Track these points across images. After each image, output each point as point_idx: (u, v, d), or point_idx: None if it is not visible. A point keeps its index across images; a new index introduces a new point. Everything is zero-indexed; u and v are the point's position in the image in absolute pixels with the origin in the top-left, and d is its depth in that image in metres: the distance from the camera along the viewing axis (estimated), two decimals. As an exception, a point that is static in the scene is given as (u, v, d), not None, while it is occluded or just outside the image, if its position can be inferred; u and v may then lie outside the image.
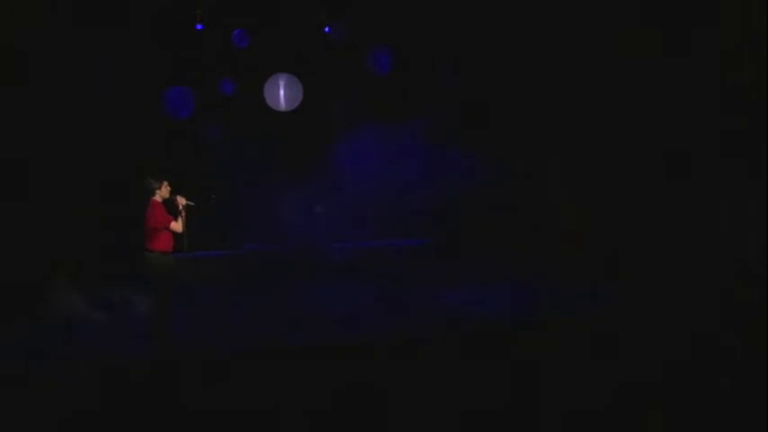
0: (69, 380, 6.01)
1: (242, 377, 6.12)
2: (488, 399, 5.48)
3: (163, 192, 6.65)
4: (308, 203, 11.34)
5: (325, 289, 9.68)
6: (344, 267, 10.72)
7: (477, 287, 9.59)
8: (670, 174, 9.72)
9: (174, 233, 6.62)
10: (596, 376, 5.89)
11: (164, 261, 6.56)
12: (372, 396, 5.59)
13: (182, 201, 6.70)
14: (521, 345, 6.90)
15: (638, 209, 9.99)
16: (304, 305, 8.82)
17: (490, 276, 10.22)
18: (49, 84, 9.12)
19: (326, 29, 10.60)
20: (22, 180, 9.00)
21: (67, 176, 9.32)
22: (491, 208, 11.49)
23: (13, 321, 7.81)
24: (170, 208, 6.69)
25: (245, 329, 7.70)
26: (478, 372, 6.07)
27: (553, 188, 11.27)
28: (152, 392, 5.78)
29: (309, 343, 7.17)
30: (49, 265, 8.95)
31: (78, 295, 8.66)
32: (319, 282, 10.01)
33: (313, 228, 11.22)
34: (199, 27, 10.04)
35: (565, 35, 10.49)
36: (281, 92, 9.53)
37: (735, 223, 9.04)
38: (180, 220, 6.64)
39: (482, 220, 11.48)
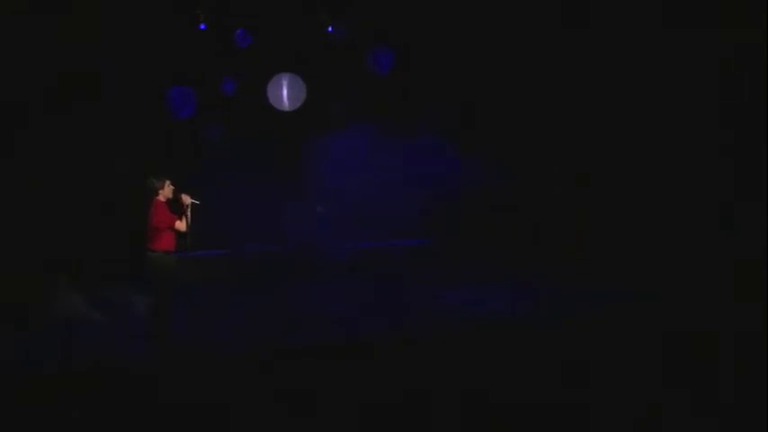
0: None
1: (241, 377, 6.12)
2: (488, 399, 5.48)
3: (166, 191, 6.65)
4: (309, 203, 11.33)
5: (325, 289, 9.68)
6: (344, 267, 10.71)
7: (477, 287, 9.59)
8: (669, 174, 9.74)
9: (177, 232, 6.62)
10: (595, 375, 5.90)
11: (166, 261, 6.57)
12: (372, 396, 5.58)
13: (187, 199, 6.70)
14: (520, 344, 6.90)
15: (638, 209, 10.00)
16: (304, 305, 8.82)
17: (490, 276, 10.22)
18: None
19: (329, 28, 10.58)
20: (21, 180, 8.99)
21: (67, 176, 9.31)
22: (491, 208, 11.48)
23: (12, 321, 7.79)
24: (172, 207, 6.68)
25: (245, 329, 7.70)
26: (478, 372, 6.08)
27: (553, 188, 11.26)
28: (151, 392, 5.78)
29: (309, 343, 7.17)
30: (49, 265, 8.94)
31: (78, 295, 8.65)
32: (319, 282, 10.01)
33: (313, 228, 11.21)
34: (201, 27, 10.02)
35: (565, 34, 10.49)
36: (285, 91, 9.52)
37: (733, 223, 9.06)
38: (184, 218, 6.64)
39: (482, 220, 11.47)
